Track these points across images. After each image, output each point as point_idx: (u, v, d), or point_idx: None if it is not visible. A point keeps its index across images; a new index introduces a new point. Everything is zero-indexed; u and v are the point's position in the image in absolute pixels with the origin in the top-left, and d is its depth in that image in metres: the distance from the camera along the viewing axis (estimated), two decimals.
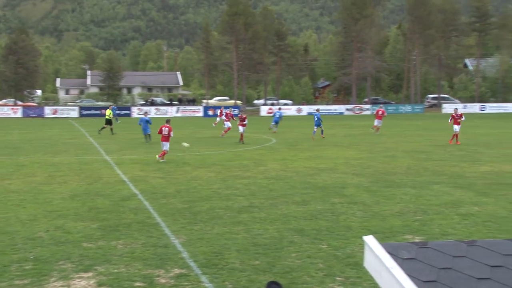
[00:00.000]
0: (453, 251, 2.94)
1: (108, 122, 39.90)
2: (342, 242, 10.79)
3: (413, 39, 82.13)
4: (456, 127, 30.14)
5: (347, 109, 72.94)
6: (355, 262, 9.32)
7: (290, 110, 71.36)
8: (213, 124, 44.39)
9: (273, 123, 40.49)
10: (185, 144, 18.72)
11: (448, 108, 72.44)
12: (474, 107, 72.25)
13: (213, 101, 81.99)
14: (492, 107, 73.16)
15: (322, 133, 34.32)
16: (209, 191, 16.41)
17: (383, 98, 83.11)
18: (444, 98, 78.25)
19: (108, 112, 40.99)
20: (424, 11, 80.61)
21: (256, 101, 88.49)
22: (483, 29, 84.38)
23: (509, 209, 13.71)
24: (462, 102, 76.24)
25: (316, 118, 34.61)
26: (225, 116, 38.02)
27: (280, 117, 40.92)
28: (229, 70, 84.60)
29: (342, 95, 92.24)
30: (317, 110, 38.64)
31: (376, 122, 38.47)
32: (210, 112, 68.83)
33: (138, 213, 13.55)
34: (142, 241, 10.99)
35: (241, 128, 31.52)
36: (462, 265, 2.81)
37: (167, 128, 23.51)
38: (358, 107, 73.53)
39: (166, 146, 23.41)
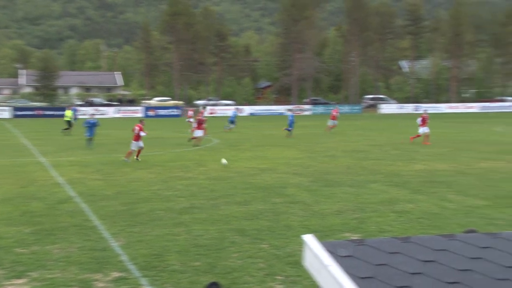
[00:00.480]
0: (388, 248, 3.00)
1: (69, 123, 39.55)
2: (282, 242, 10.87)
3: (352, 41, 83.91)
4: (425, 129, 30.75)
5: (288, 110, 73.73)
6: (295, 261, 9.41)
7: (231, 110, 71.42)
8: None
9: (229, 123, 41.64)
10: (224, 161, 18.11)
11: (385, 108, 74.35)
12: (409, 108, 74.46)
13: (154, 102, 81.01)
14: (425, 108, 75.60)
15: (288, 131, 36.09)
16: (149, 193, 16.18)
17: (323, 99, 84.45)
18: (381, 99, 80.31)
19: (68, 113, 40.52)
20: (361, 13, 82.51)
21: (197, 102, 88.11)
22: (417, 32, 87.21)
23: (440, 206, 14.19)
24: (398, 102, 78.44)
25: (290, 119, 36.55)
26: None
27: (235, 116, 42.49)
28: (170, 70, 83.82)
29: (283, 96, 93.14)
30: (290, 110, 39.99)
31: (330, 123, 39.98)
32: (151, 113, 67.95)
33: (75, 216, 13.20)
34: (79, 244, 10.70)
35: (199, 132, 30.47)
36: (397, 261, 2.87)
37: (137, 127, 23.60)
38: (298, 108, 74.40)
39: (133, 145, 23.44)
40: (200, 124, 30.77)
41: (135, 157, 23.65)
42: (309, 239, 3.01)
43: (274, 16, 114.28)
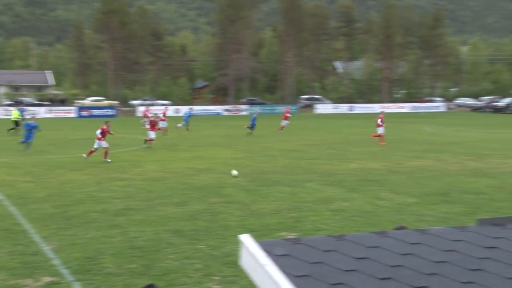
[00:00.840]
0: (323, 246, 3.05)
1: (16, 123, 38.58)
2: (220, 242, 10.85)
3: (287, 41, 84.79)
4: (382, 129, 31.52)
5: (225, 110, 73.68)
6: (233, 261, 9.42)
7: (168, 110, 70.66)
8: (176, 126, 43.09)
9: (184, 122, 42.46)
10: (234, 172, 17.35)
11: (320, 108, 75.58)
12: (343, 108, 76.04)
13: (88, 102, 79.03)
14: (359, 108, 77.42)
15: (251, 130, 36.64)
16: (83, 195, 15.78)
17: (260, 99, 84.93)
18: (316, 99, 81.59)
19: (15, 113, 39.53)
20: (296, 14, 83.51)
21: (132, 102, 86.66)
22: (350, 34, 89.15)
23: (374, 204, 14.58)
24: (333, 102, 79.96)
25: (252, 119, 37.12)
26: (162, 116, 38.68)
27: (190, 116, 43.34)
28: (104, 69, 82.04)
29: (220, 96, 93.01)
30: (255, 112, 40.49)
31: (284, 123, 40.74)
32: (84, 113, 66.25)
33: (4, 220, 12.70)
34: (8, 249, 10.30)
35: (152, 134, 29.62)
36: (331, 258, 2.92)
37: (101, 129, 23.75)
38: (235, 108, 74.50)
39: (96, 144, 23.53)
40: (153, 125, 30.09)
41: (103, 158, 23.16)
42: (246, 239, 3.02)
43: (211, 16, 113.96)
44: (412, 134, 37.14)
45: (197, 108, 73.44)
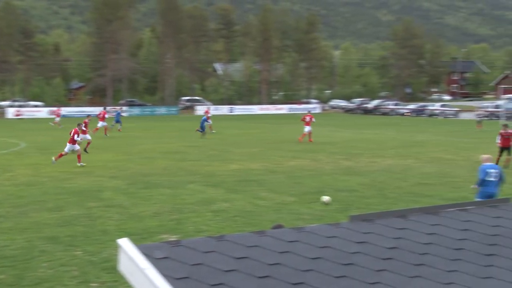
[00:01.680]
0: (204, 247, 3.06)
1: None
2: (98, 247, 10.51)
3: (166, 42, 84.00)
4: (308, 128, 32.99)
5: (205, 111, 71.50)
6: (111, 266, 9.16)
7: (41, 112, 67.31)
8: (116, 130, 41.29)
9: (115, 122, 42.01)
10: (326, 198, 15.36)
11: (201, 110, 75.72)
12: (224, 109, 76.78)
13: None
14: (239, 109, 78.59)
15: (202, 132, 36.25)
16: None
17: (139, 100, 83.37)
18: (196, 100, 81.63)
19: None
20: (175, 16, 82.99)
21: (1, 103, 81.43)
22: (229, 36, 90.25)
23: (254, 204, 14.87)
24: (214, 104, 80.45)
25: (202, 120, 37.20)
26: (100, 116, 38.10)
27: (119, 115, 43.23)
28: None
29: (97, 97, 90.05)
30: (206, 112, 41.05)
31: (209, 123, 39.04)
32: None
33: None
34: None
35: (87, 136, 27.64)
36: (212, 259, 2.94)
37: (73, 131, 23.19)
38: (114, 110, 72.47)
39: (67, 147, 22.73)
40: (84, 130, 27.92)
41: (77, 163, 21.87)
42: (124, 243, 2.95)
43: (85, 15, 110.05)
44: (291, 135, 38.34)
45: (73, 110, 70.59)
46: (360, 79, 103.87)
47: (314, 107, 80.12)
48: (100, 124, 37.85)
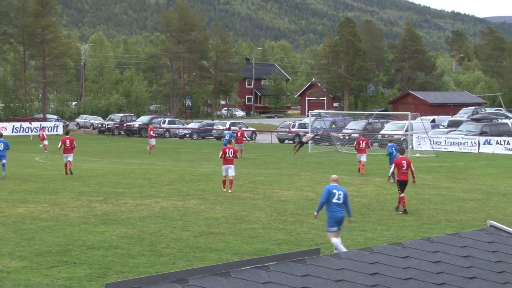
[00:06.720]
0: None
1: None
2: None
3: None
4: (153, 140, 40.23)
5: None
6: None
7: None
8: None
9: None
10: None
11: None
12: None
13: None
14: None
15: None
16: None
17: None
18: None
19: None
20: None
21: None
22: None
23: None
24: None
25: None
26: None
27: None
28: None
29: None
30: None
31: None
32: None
33: None
34: None
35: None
36: None
37: (68, 140, 32.76)
38: None
39: (70, 157, 32.69)
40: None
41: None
42: None
43: None
44: (19, 167, 36.91)
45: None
46: (121, 86, 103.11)
47: (54, 125, 78.38)
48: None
